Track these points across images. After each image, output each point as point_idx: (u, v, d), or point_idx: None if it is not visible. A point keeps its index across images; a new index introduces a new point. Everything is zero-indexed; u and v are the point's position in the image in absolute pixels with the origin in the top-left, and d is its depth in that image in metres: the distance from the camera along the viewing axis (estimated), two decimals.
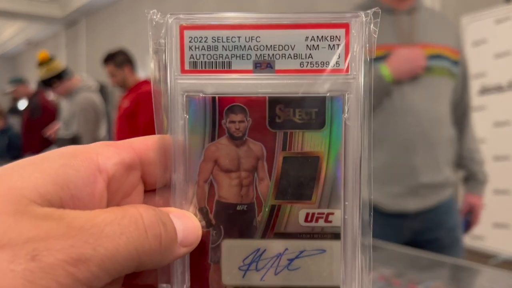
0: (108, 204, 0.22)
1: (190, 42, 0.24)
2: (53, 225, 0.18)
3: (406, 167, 1.27)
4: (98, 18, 6.94)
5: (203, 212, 0.24)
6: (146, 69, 5.20)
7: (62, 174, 0.20)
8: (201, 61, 0.24)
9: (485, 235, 3.28)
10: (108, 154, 0.22)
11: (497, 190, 3.24)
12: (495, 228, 3.24)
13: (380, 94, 1.23)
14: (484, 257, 3.06)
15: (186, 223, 0.23)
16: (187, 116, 0.24)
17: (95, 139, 2.91)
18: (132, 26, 6.09)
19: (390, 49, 1.24)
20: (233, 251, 0.24)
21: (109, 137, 3.77)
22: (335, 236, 0.24)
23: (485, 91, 3.34)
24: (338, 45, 0.23)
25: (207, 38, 0.24)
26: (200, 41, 0.24)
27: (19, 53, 9.83)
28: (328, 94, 0.24)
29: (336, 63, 0.23)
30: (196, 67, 0.24)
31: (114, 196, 0.23)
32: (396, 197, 1.28)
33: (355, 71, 0.23)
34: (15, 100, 4.88)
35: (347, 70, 0.23)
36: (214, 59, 0.24)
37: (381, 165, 1.27)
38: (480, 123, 3.35)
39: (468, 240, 3.37)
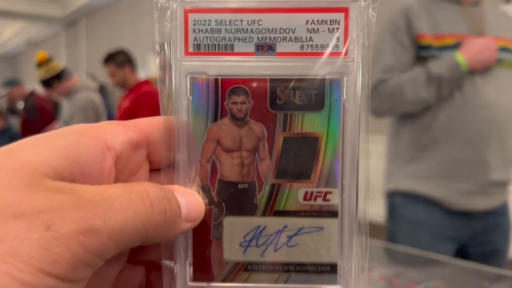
0: (116, 181, 0.23)
1: (194, 25, 0.24)
2: (65, 198, 0.19)
3: (477, 163, 1.20)
4: (98, 18, 6.95)
5: (205, 190, 0.25)
6: (146, 69, 5.20)
7: (73, 150, 0.21)
8: (205, 44, 0.24)
9: None
10: (116, 133, 0.23)
11: None
12: None
13: (454, 84, 1.18)
14: None
15: (190, 200, 0.23)
16: (191, 97, 0.25)
17: None
18: (132, 26, 6.10)
19: (461, 39, 1.19)
20: (234, 228, 0.25)
21: None
22: (333, 214, 0.25)
23: None
24: (337, 28, 0.24)
25: (210, 21, 0.24)
26: (203, 24, 0.24)
27: (19, 53, 9.83)
28: (327, 77, 0.24)
29: (336, 46, 0.24)
30: (199, 50, 0.25)
31: (121, 173, 0.23)
32: (464, 194, 1.22)
33: (353, 54, 0.24)
34: (12, 101, 4.86)
35: (346, 53, 0.24)
36: (217, 41, 0.24)
37: (449, 161, 1.21)
38: None
39: None
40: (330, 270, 0.25)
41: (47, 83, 2.95)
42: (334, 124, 0.24)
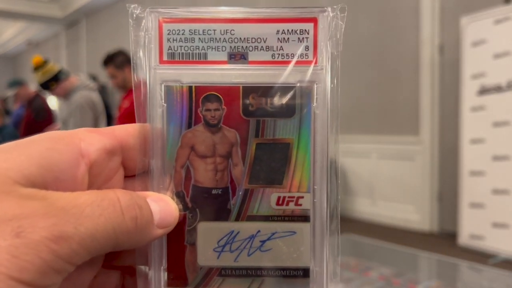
0: (90, 188, 0.23)
1: (168, 34, 0.25)
2: (36, 205, 0.19)
3: None
4: (98, 19, 6.96)
5: (179, 196, 0.25)
6: None
7: (47, 157, 0.21)
8: (179, 52, 0.25)
9: (484, 235, 3.29)
10: (91, 140, 0.23)
11: (496, 190, 3.24)
12: (494, 228, 3.24)
13: None
14: (483, 257, 3.06)
15: (163, 206, 0.24)
16: (165, 105, 0.25)
17: None
18: None
19: None
20: (208, 233, 0.26)
21: None
22: (305, 218, 0.25)
23: (484, 91, 3.35)
24: (307, 38, 0.25)
25: (184, 30, 0.25)
26: (177, 34, 0.25)
27: (20, 53, 9.85)
28: (298, 84, 0.25)
29: (305, 55, 0.25)
30: (174, 58, 0.25)
31: (96, 180, 0.24)
32: None
33: (323, 62, 0.25)
34: (16, 102, 4.87)
35: (315, 62, 0.25)
36: (191, 50, 0.25)
37: None
38: (479, 123, 3.36)
39: (468, 240, 3.38)
40: (303, 274, 0.26)
41: (45, 85, 2.95)
42: (305, 131, 0.25)
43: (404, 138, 4.21)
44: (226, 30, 0.25)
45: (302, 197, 0.25)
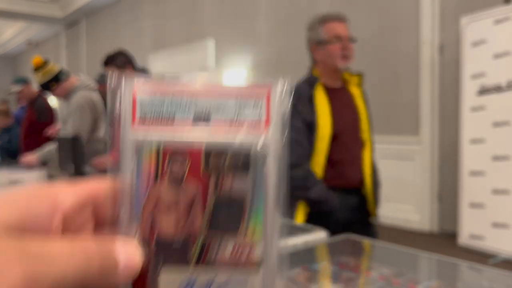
0: (63, 235, 0.27)
1: (140, 102, 0.29)
2: (11, 247, 0.23)
3: None
4: (98, 18, 6.98)
5: (144, 246, 0.29)
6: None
7: (26, 210, 0.26)
8: (149, 116, 0.29)
9: (484, 235, 3.30)
10: (66, 197, 0.27)
11: (496, 190, 3.26)
12: (494, 228, 3.26)
13: None
14: (483, 257, 3.08)
15: (128, 255, 0.27)
16: (136, 162, 0.29)
17: (92, 139, 2.93)
18: (132, 26, 6.13)
19: None
20: (170, 281, 0.29)
21: None
22: (257, 265, 0.29)
23: (484, 91, 3.36)
24: (261, 104, 0.29)
25: (154, 99, 0.29)
26: (148, 102, 0.29)
27: (20, 53, 9.88)
28: (253, 145, 0.29)
29: (259, 120, 0.29)
30: (145, 122, 0.29)
31: (68, 228, 0.27)
32: None
33: (274, 126, 0.29)
34: (19, 100, 4.90)
35: (267, 125, 0.29)
36: (160, 115, 0.29)
37: None
38: (479, 123, 3.38)
39: (468, 240, 3.40)
40: None
41: (46, 86, 2.97)
42: (259, 186, 0.29)
43: (404, 138, 4.23)
44: (191, 100, 0.29)
45: (255, 246, 0.29)
